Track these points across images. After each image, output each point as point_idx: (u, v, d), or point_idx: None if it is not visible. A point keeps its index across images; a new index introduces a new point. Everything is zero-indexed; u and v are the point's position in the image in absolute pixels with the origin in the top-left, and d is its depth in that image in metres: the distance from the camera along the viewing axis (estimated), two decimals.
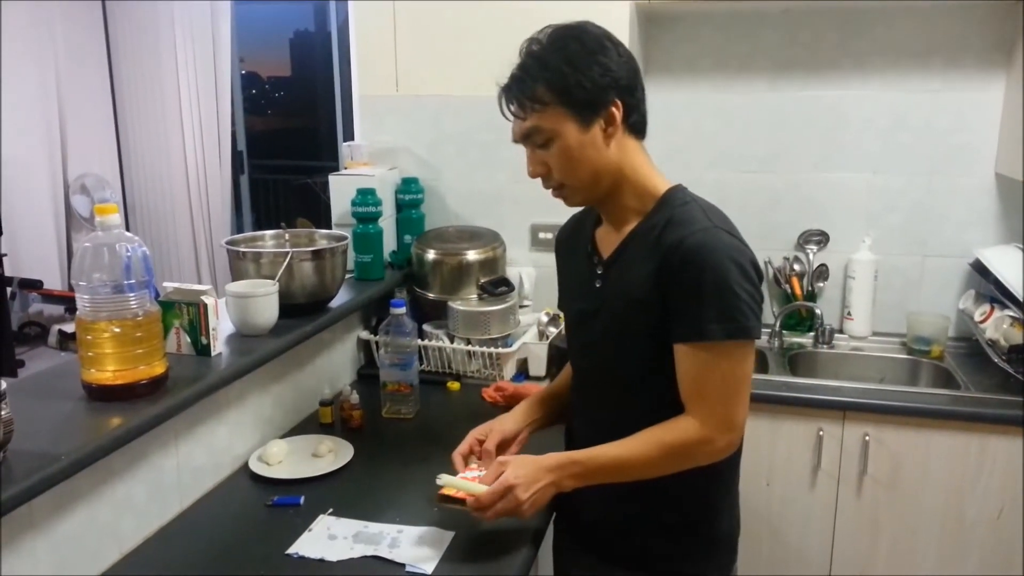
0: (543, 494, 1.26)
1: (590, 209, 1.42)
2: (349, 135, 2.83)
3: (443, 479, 1.32)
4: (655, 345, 1.24)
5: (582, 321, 1.38)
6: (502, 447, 1.43)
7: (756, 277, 1.21)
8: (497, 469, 1.28)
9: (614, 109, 1.23)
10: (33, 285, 4.33)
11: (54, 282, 4.49)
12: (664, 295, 1.21)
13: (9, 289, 4.12)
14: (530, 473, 1.25)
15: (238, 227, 5.10)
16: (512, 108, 1.26)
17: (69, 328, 4.25)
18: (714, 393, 1.20)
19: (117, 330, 1.29)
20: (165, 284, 1.57)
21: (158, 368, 1.37)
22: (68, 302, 4.39)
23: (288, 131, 6.33)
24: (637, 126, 1.28)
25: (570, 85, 1.20)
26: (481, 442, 1.43)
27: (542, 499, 1.26)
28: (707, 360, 1.19)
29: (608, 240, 1.34)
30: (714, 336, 1.17)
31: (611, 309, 1.30)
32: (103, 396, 1.32)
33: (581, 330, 1.39)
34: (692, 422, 1.21)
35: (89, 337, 1.30)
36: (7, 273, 4.02)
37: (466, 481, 1.31)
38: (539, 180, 1.30)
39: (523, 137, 1.27)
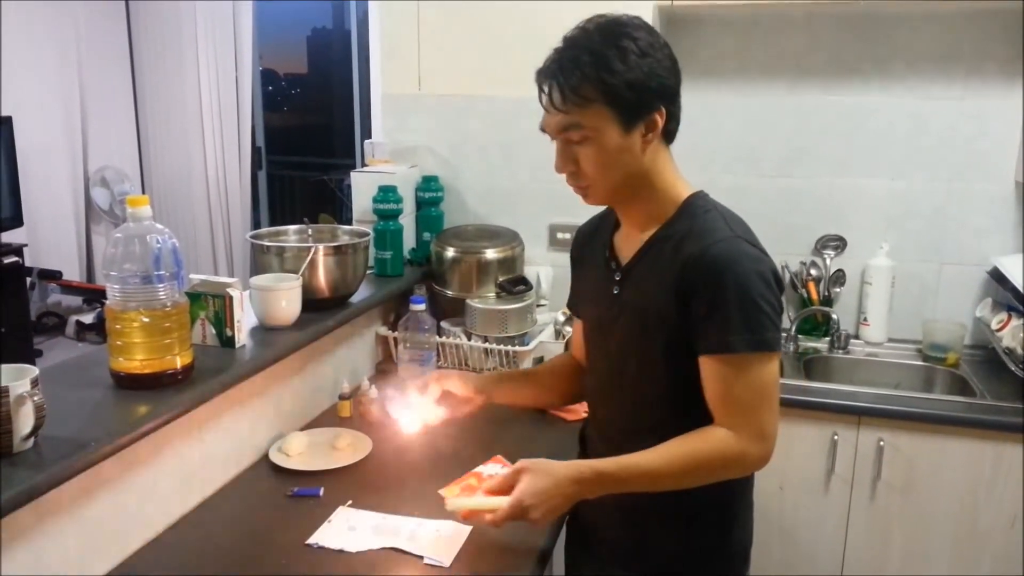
0: (559, 509, 1.22)
1: (609, 213, 1.39)
2: (367, 133, 2.85)
3: (451, 504, 1.28)
4: (672, 354, 1.22)
5: (600, 328, 1.35)
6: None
7: (777, 287, 1.19)
8: (512, 478, 1.22)
9: (657, 116, 1.19)
10: (52, 276, 4.39)
11: (73, 273, 4.54)
12: (685, 306, 1.18)
13: (28, 279, 4.17)
14: (546, 490, 1.19)
15: (255, 222, 5.15)
16: (554, 98, 1.18)
17: (87, 319, 4.29)
18: (743, 405, 1.17)
19: (146, 320, 1.31)
20: (191, 276, 1.59)
21: (185, 358, 1.39)
22: (86, 293, 4.45)
23: (304, 128, 6.37)
24: (671, 133, 1.25)
25: (620, 87, 1.15)
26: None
27: (558, 511, 1.23)
28: (733, 372, 1.16)
29: (627, 246, 1.31)
30: (738, 348, 1.15)
31: (629, 317, 1.27)
32: (131, 384, 1.34)
33: (599, 337, 1.36)
34: (726, 434, 1.17)
35: (118, 326, 1.32)
36: (27, 263, 4.08)
37: (477, 499, 1.26)
38: (558, 175, 1.27)
39: (558, 130, 1.21)
